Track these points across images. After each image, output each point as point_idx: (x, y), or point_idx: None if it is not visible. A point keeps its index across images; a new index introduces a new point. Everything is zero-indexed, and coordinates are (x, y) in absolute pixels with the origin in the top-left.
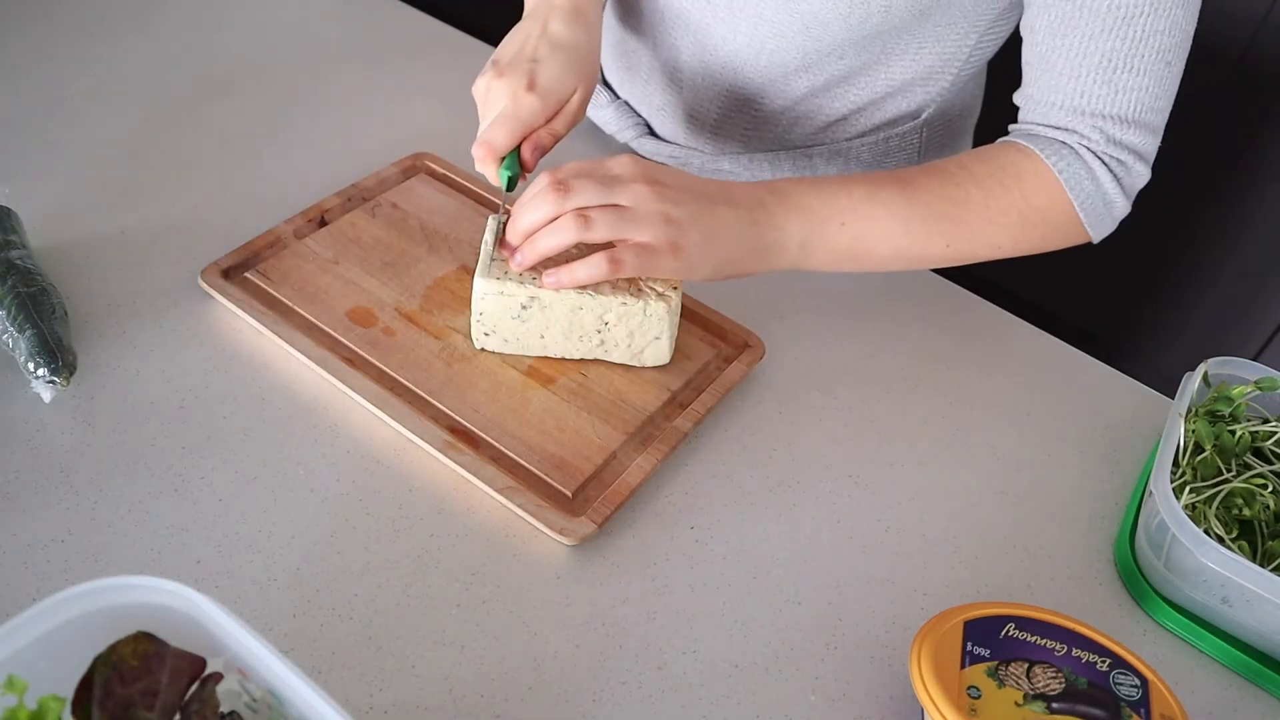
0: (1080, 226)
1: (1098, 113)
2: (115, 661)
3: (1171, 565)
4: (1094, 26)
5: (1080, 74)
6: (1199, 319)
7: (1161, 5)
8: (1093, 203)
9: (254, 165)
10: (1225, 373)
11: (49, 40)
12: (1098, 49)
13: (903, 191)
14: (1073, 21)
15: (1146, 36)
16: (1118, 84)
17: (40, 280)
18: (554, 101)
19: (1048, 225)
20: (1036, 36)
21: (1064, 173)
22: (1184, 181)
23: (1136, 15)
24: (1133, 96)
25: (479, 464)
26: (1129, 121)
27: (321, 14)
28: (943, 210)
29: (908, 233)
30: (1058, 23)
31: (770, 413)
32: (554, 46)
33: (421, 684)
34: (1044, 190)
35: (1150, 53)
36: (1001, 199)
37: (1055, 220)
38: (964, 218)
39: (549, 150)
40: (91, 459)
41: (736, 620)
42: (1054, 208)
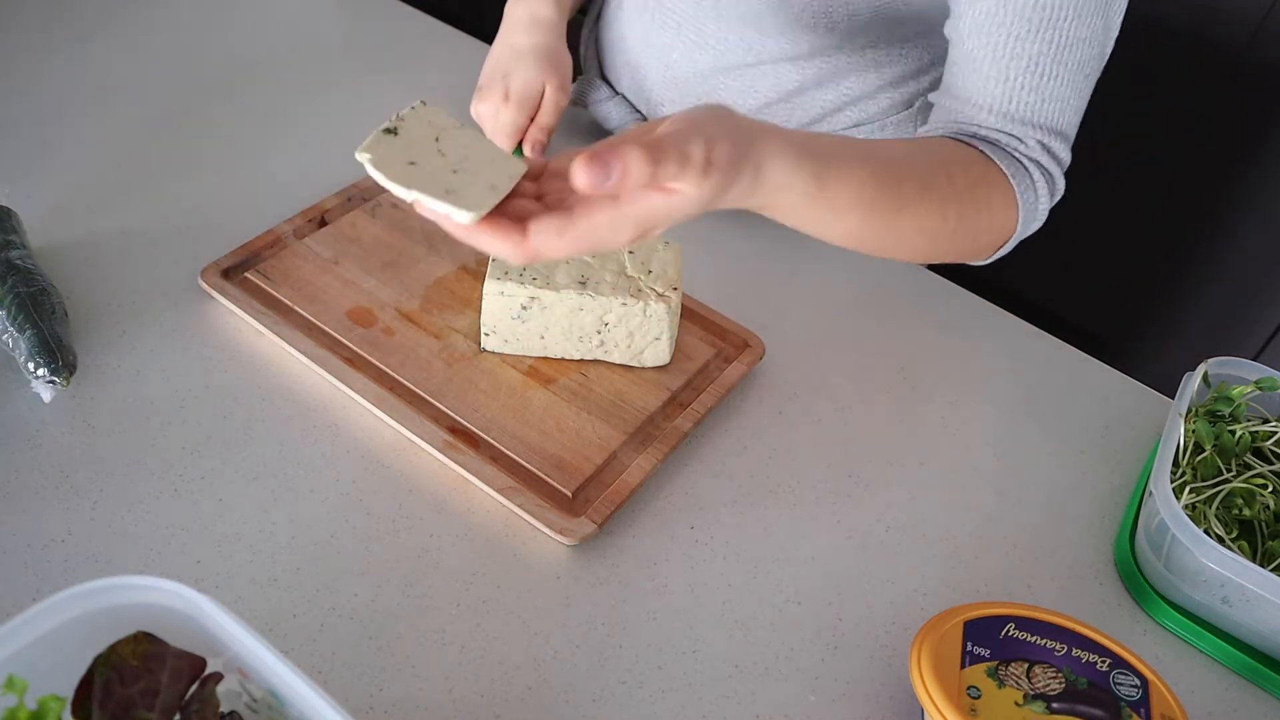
0: (1006, 242)
1: (1030, 121)
2: (115, 661)
3: (1171, 565)
4: (1020, 26)
5: (1008, 76)
6: (1199, 319)
7: (1084, 12)
8: (1029, 221)
9: (254, 165)
10: (1225, 373)
11: (49, 40)
12: (1024, 51)
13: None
14: (998, 18)
15: (1070, 43)
16: (1044, 91)
17: (40, 280)
18: (529, 103)
19: (991, 241)
20: (962, 35)
21: (1022, 196)
22: (1184, 181)
23: (1061, 19)
24: (1057, 106)
25: (479, 464)
26: (1058, 134)
27: (321, 14)
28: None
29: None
30: (983, 19)
31: (770, 413)
32: (518, 55)
33: (421, 684)
34: (1007, 213)
35: (1073, 61)
36: (973, 220)
37: (998, 237)
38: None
39: (547, 143)
40: (91, 459)
41: (736, 620)
42: (1005, 226)
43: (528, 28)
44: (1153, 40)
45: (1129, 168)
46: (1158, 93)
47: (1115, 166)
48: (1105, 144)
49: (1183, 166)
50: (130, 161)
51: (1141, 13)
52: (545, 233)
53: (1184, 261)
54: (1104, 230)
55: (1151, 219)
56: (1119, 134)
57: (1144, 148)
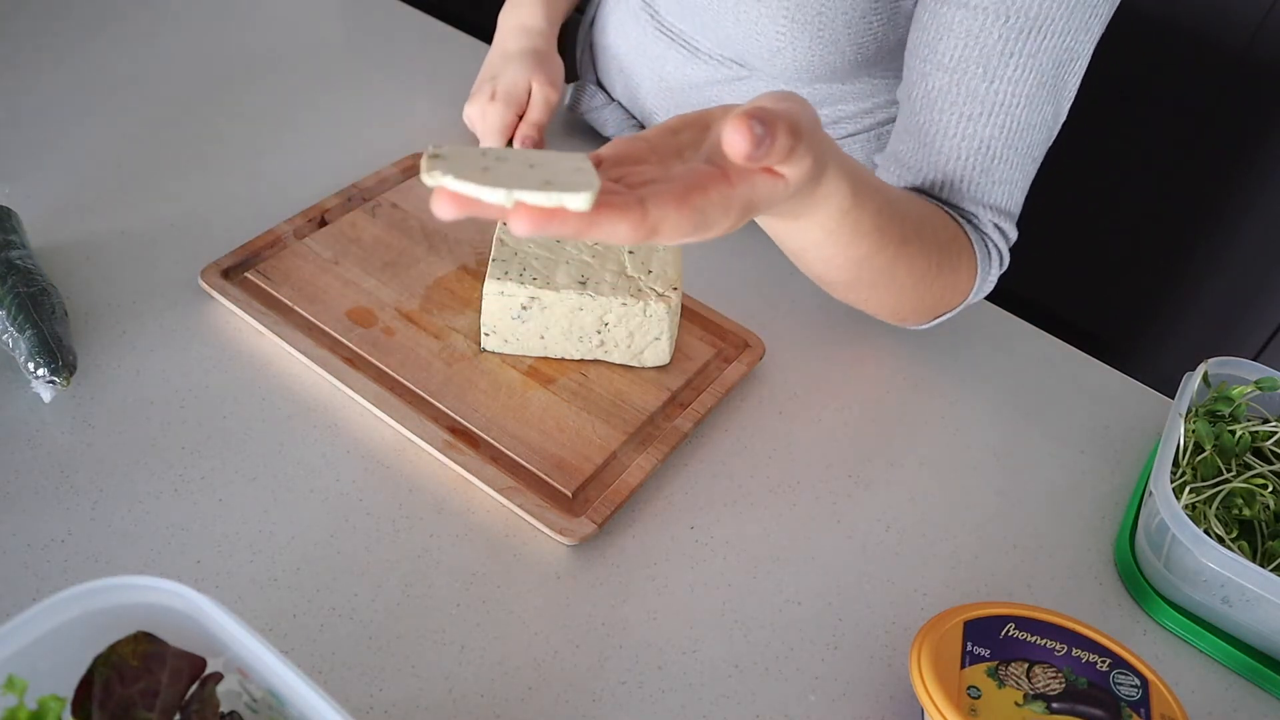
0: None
1: (981, 202)
2: (115, 661)
3: (1171, 565)
4: (973, 108)
5: (959, 155)
6: (1199, 319)
7: (1035, 99)
8: (977, 294)
9: (254, 165)
10: (1225, 373)
11: (49, 40)
12: (977, 133)
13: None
14: (950, 97)
15: (1021, 129)
16: (994, 174)
17: (40, 280)
18: (515, 101)
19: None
20: (914, 106)
21: (980, 265)
22: (1184, 181)
23: (1014, 105)
24: (1006, 189)
25: (479, 464)
26: (1007, 214)
27: (322, 14)
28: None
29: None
30: (935, 95)
31: (770, 413)
32: (506, 59)
33: (421, 684)
34: (968, 277)
35: (1023, 145)
36: (947, 275)
37: (952, 302)
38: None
39: (539, 140)
40: (91, 459)
41: (736, 620)
42: (962, 292)
43: (516, 34)
44: (1153, 40)
45: (1129, 167)
46: (1158, 93)
47: (1115, 166)
48: (1105, 144)
49: (1183, 166)
50: (130, 161)
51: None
52: (664, 206)
53: (1184, 261)
54: (1104, 230)
55: (1151, 219)
56: (1119, 134)
57: (1144, 148)
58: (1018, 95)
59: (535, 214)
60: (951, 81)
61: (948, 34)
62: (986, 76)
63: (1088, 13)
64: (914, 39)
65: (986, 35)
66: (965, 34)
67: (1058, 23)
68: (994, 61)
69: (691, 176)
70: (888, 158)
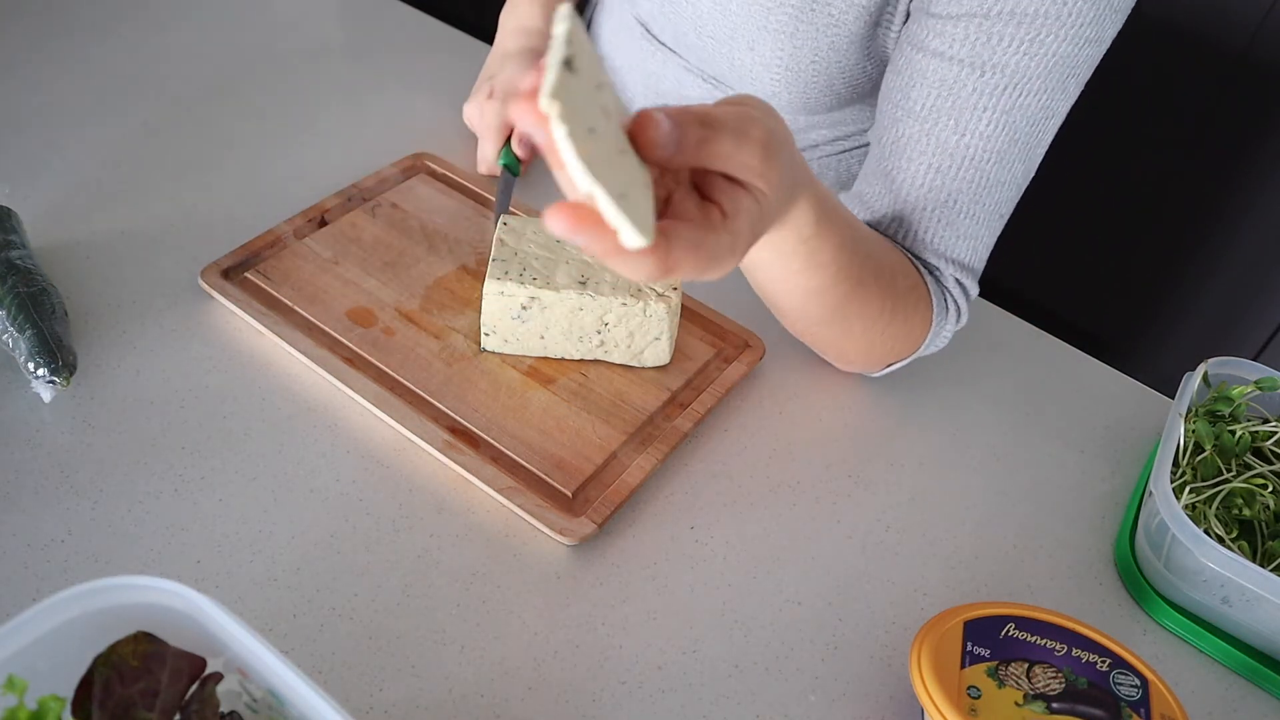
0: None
1: (944, 256)
2: (115, 661)
3: (1171, 565)
4: (940, 159)
5: (926, 206)
6: (1199, 319)
7: (1006, 156)
8: (928, 348)
9: (254, 165)
10: (1225, 373)
11: (49, 40)
12: (944, 186)
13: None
14: (920, 146)
15: (990, 185)
16: (959, 228)
17: (40, 280)
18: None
19: (896, 354)
20: (883, 151)
21: (936, 319)
22: (1184, 181)
23: (984, 160)
24: (970, 245)
25: (479, 464)
26: (969, 270)
27: (321, 14)
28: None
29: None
30: (905, 143)
31: (770, 413)
32: (505, 58)
33: (421, 684)
34: (921, 330)
35: (990, 202)
36: (900, 325)
37: (901, 353)
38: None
39: None
40: (91, 459)
41: (736, 620)
42: (912, 345)
43: (515, 35)
44: (1153, 40)
45: (1129, 167)
46: (1158, 93)
47: (1115, 166)
48: (1105, 143)
49: (1182, 166)
50: (130, 161)
51: (1141, 13)
52: (685, 250)
53: (1184, 261)
54: (1104, 230)
55: (1151, 219)
56: (1119, 134)
57: (1144, 148)
58: (988, 151)
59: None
60: (922, 130)
61: (921, 81)
62: (958, 129)
63: (1065, 73)
64: (888, 83)
65: (960, 87)
66: (939, 83)
67: (1034, 81)
68: (966, 114)
69: (701, 217)
70: (853, 197)
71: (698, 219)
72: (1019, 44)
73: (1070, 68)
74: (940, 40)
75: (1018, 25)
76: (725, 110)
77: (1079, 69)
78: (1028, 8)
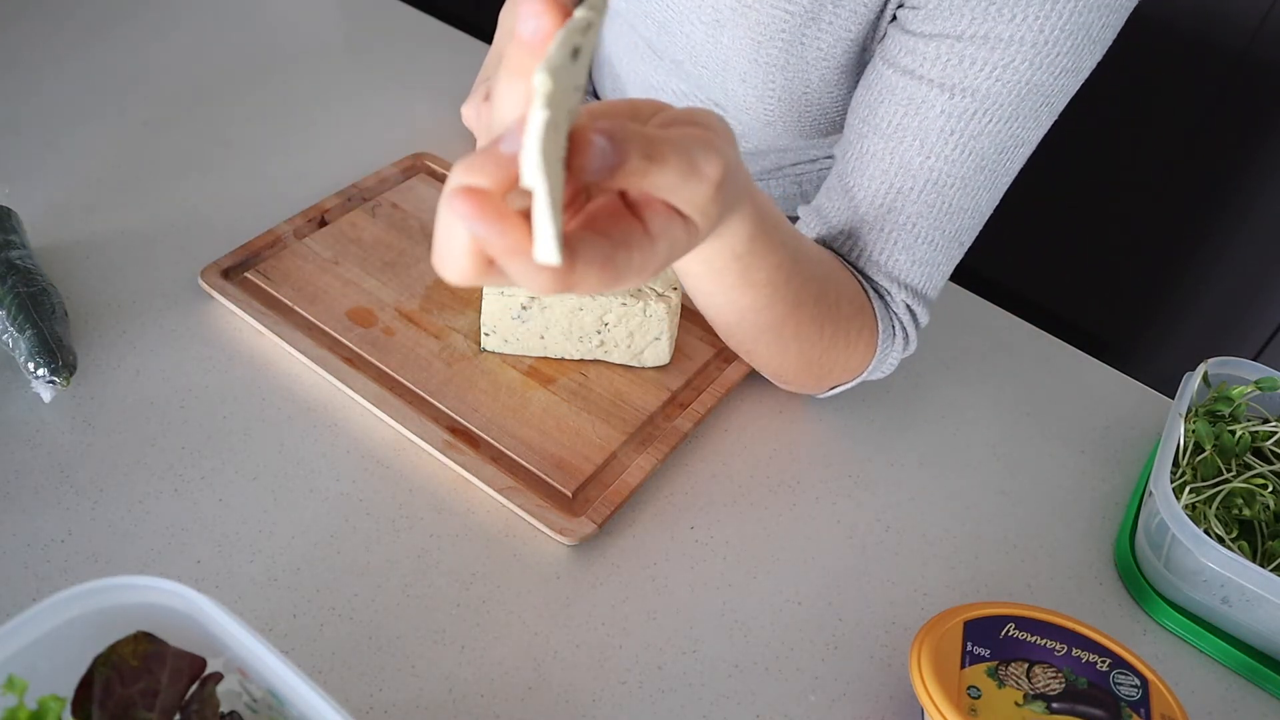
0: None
1: (898, 280)
2: (115, 661)
3: (1171, 565)
4: (903, 180)
5: (884, 228)
6: (1199, 319)
7: (971, 183)
8: (873, 374)
9: (254, 165)
10: (1225, 373)
11: (49, 40)
12: (904, 207)
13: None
14: (882, 164)
15: (952, 211)
16: (916, 253)
17: (40, 280)
18: None
19: (834, 380)
20: (846, 166)
21: (881, 345)
22: (1184, 181)
23: (947, 185)
24: (926, 272)
25: (479, 464)
26: (923, 299)
27: (321, 14)
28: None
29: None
30: (868, 159)
31: (770, 413)
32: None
33: (421, 684)
34: (863, 356)
35: (951, 229)
36: (840, 351)
37: (840, 379)
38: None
39: None
40: (91, 459)
41: (736, 620)
42: (854, 370)
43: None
44: (1153, 40)
45: (1129, 167)
46: (1158, 93)
47: (1115, 166)
48: (1105, 144)
49: (1183, 167)
50: (130, 161)
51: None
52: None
53: (1184, 261)
54: (1104, 230)
55: (1151, 219)
56: (1119, 134)
57: (1144, 148)
58: (952, 175)
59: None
60: (885, 148)
61: (889, 98)
62: (922, 150)
63: (1039, 101)
64: (857, 97)
65: (928, 108)
66: (907, 102)
67: (1005, 108)
68: (932, 136)
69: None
70: (811, 211)
71: (613, 233)
72: (991, 68)
73: (1044, 96)
74: (912, 58)
75: (991, 49)
76: (679, 134)
77: (1053, 98)
78: (1002, 33)
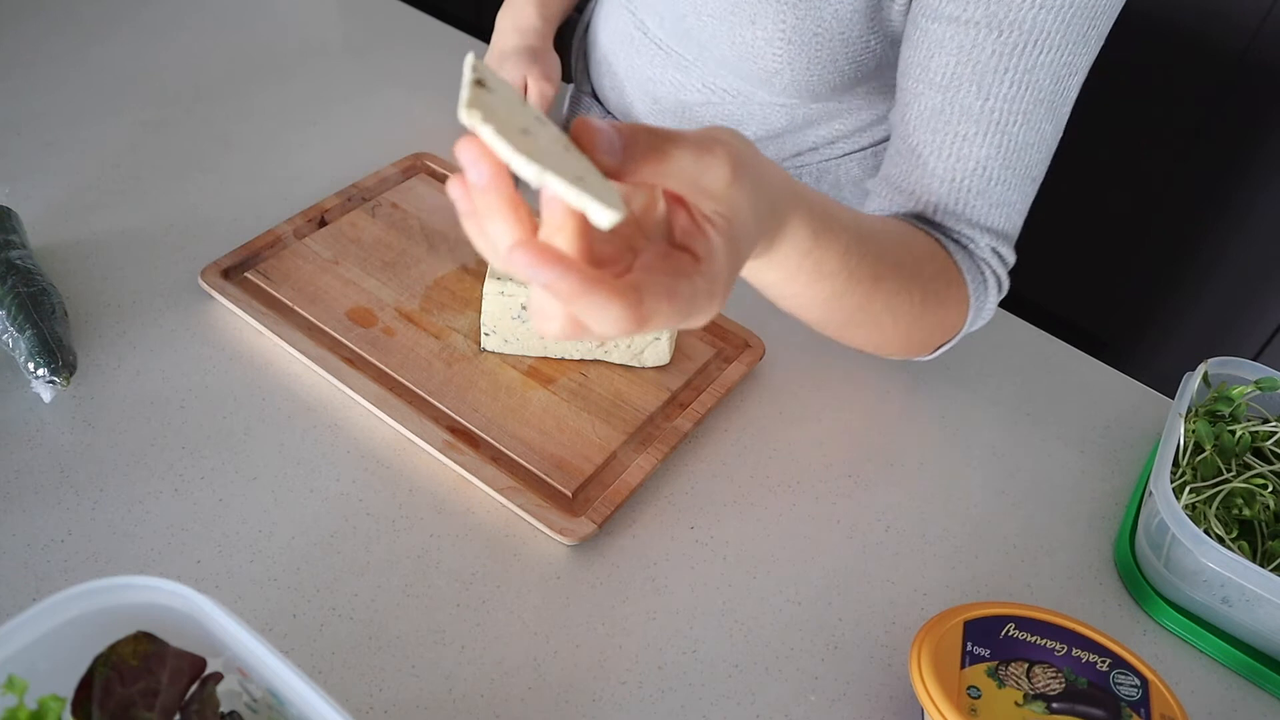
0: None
1: (979, 225)
2: (115, 661)
3: (1171, 565)
4: (967, 127)
5: (954, 178)
6: (1199, 319)
7: (1033, 117)
8: (973, 324)
9: (254, 165)
10: (1225, 373)
11: (49, 40)
12: (972, 154)
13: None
14: (944, 116)
15: (1019, 149)
16: (992, 196)
17: (40, 280)
18: None
19: (938, 339)
20: (907, 128)
21: (974, 294)
22: (1184, 181)
23: (1010, 123)
24: (1004, 212)
25: (479, 464)
26: (1005, 237)
27: (321, 14)
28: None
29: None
30: (928, 115)
31: (770, 413)
32: (502, 57)
33: (421, 684)
34: (959, 309)
35: (1020, 166)
36: (934, 311)
37: (944, 336)
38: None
39: None
40: (91, 459)
41: (736, 620)
42: (955, 325)
43: (511, 34)
44: (1153, 40)
45: (1129, 168)
46: (1158, 93)
47: (1115, 166)
48: (1106, 144)
49: (1183, 167)
50: (130, 161)
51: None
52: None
53: (1184, 261)
54: (1104, 230)
55: (1152, 219)
56: (1119, 134)
57: (1144, 148)
58: (1014, 113)
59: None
60: (944, 100)
61: (939, 51)
62: (980, 94)
63: (1085, 24)
64: (905, 58)
65: (979, 51)
66: (957, 50)
67: (1054, 36)
68: (988, 78)
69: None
70: (880, 182)
71: (667, 269)
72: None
73: (1089, 18)
74: (954, 5)
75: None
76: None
77: (1098, 20)
78: None
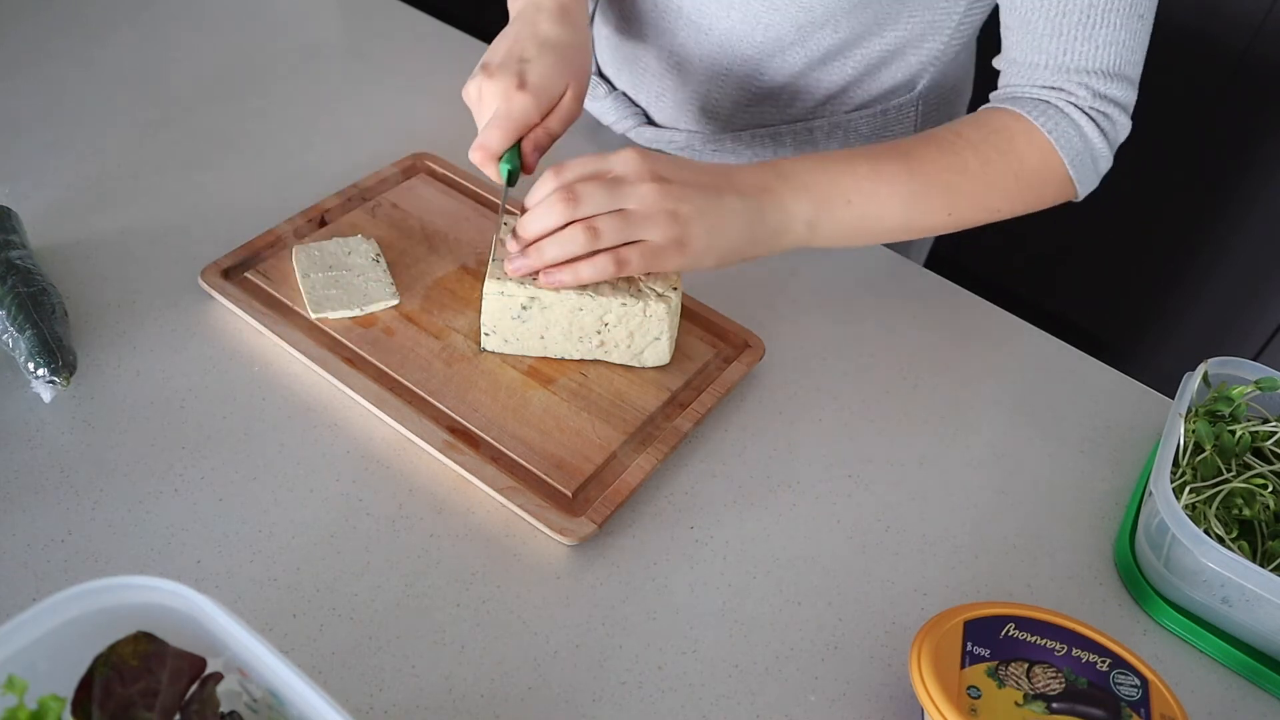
0: (1070, 184)
1: (1082, 69)
2: (115, 661)
3: (1171, 565)
4: None
5: (1060, 32)
6: (1199, 319)
7: None
8: (1081, 159)
9: (254, 165)
10: (1225, 373)
11: (49, 40)
12: (1075, 6)
13: (905, 164)
14: None
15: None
16: (1097, 39)
17: (40, 280)
18: (546, 99)
19: (1041, 185)
20: (1010, 2)
21: (1053, 132)
22: (1184, 181)
23: None
24: (1112, 50)
25: (479, 464)
26: (1111, 75)
27: (321, 14)
28: (944, 180)
29: (912, 205)
30: None
31: (770, 413)
32: (542, 45)
33: (421, 684)
34: (1036, 152)
35: (1124, 6)
36: (998, 164)
37: (1048, 179)
38: (964, 185)
39: (547, 149)
40: (91, 459)
41: (736, 620)
42: (1046, 167)
43: (556, 18)
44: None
45: (1129, 167)
46: (1158, 93)
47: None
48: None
49: (1183, 167)
50: (130, 161)
51: None
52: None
53: (1184, 261)
54: (1104, 230)
55: (1152, 219)
56: None
57: (1144, 148)
58: None
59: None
60: None
61: None
62: None
63: None
64: None
65: None
66: None
67: None
68: None
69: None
70: (1000, 59)
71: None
72: None
73: None
74: None
75: None
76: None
77: None
78: None
